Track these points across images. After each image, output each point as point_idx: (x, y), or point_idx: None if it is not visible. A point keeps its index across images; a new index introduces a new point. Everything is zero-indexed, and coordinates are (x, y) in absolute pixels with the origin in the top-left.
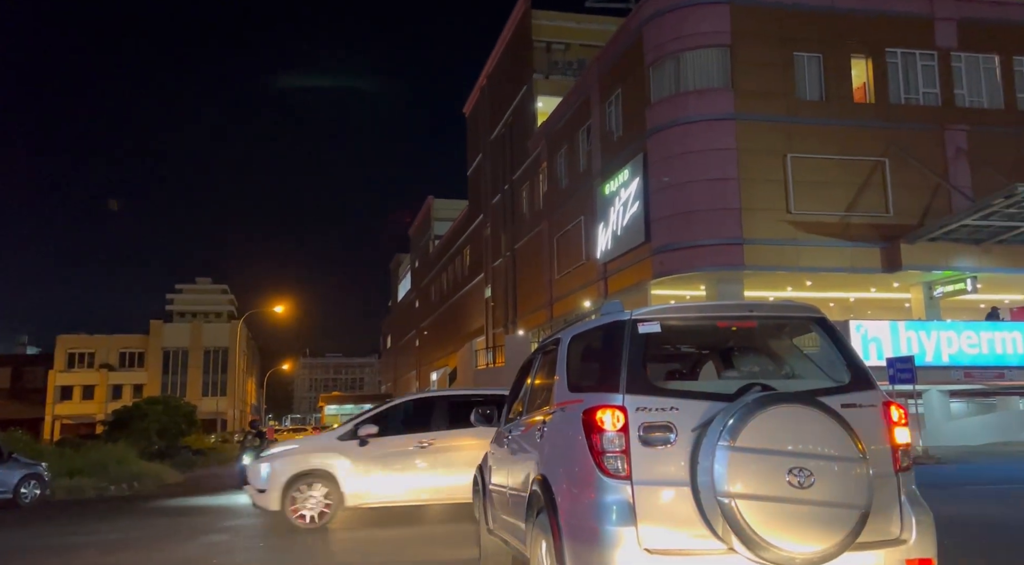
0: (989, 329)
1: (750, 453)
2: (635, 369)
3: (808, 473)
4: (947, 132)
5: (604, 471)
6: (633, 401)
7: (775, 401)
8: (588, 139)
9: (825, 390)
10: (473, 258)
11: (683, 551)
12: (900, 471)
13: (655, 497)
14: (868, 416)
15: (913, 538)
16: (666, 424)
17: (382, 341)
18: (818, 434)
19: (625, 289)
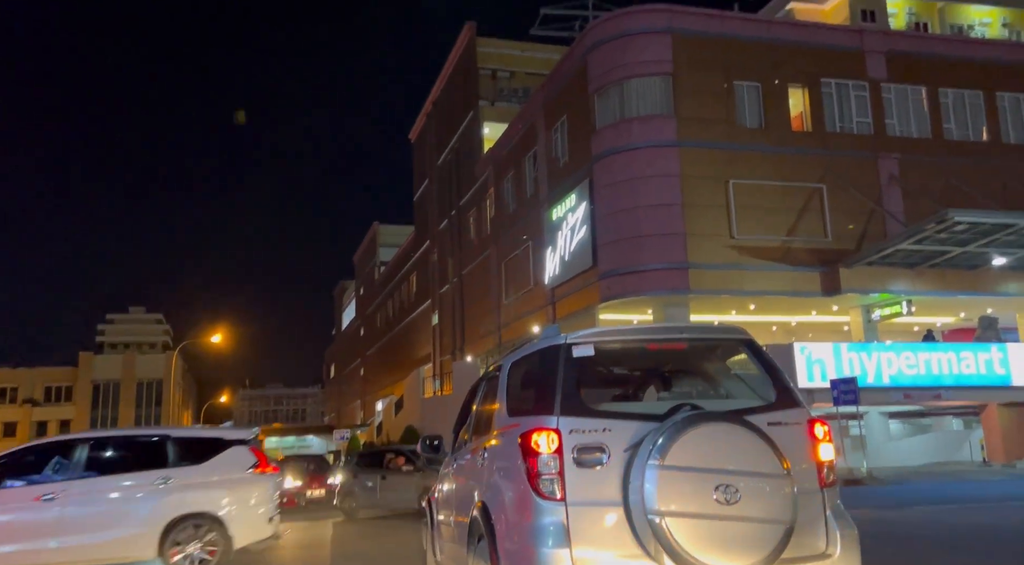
0: (927, 350)
1: (678, 471)
2: (569, 392)
3: (735, 490)
4: (880, 160)
5: (539, 494)
6: (567, 423)
7: (702, 420)
8: (535, 165)
9: (752, 409)
10: (420, 284)
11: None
12: (825, 487)
13: (589, 518)
14: (793, 434)
15: (838, 553)
16: (599, 445)
17: (325, 370)
18: (744, 452)
19: (573, 314)
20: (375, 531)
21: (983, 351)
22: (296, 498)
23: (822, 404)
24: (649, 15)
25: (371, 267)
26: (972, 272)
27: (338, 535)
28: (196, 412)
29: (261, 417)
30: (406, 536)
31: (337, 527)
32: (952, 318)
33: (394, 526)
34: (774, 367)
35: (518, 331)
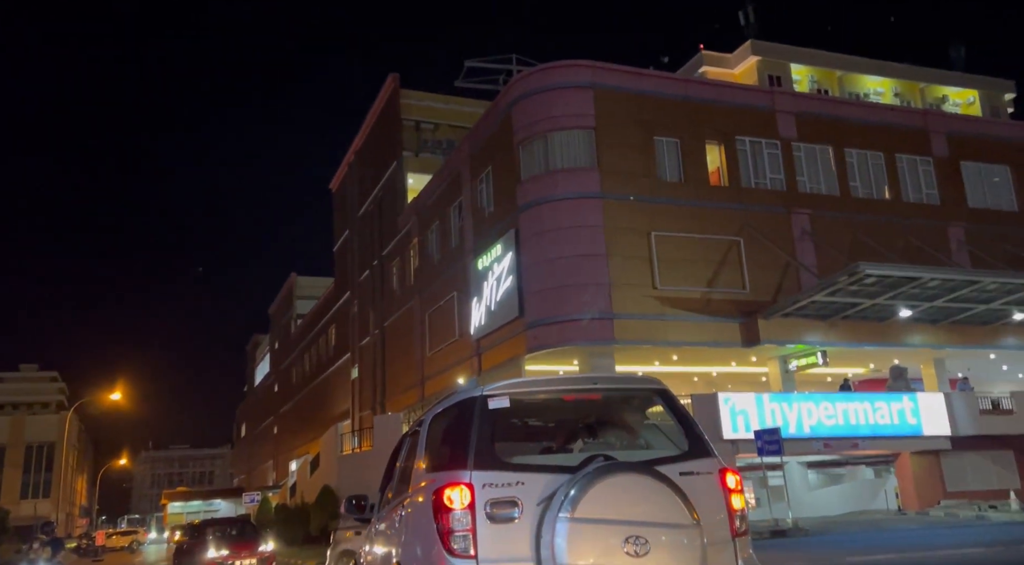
0: (844, 400)
1: (588, 523)
2: (483, 445)
3: (644, 541)
4: (793, 215)
5: (451, 552)
6: (480, 477)
7: (612, 471)
8: (460, 215)
9: (664, 459)
10: (339, 337)
11: None
12: (737, 536)
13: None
14: (705, 483)
15: None
16: (512, 499)
17: (236, 430)
18: (654, 502)
19: (499, 365)
20: None
21: (895, 401)
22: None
23: (746, 455)
24: (572, 70)
25: (287, 320)
26: (881, 324)
27: None
28: (92, 476)
29: (164, 480)
30: None
31: None
32: (863, 369)
33: None
34: (687, 417)
35: (442, 384)
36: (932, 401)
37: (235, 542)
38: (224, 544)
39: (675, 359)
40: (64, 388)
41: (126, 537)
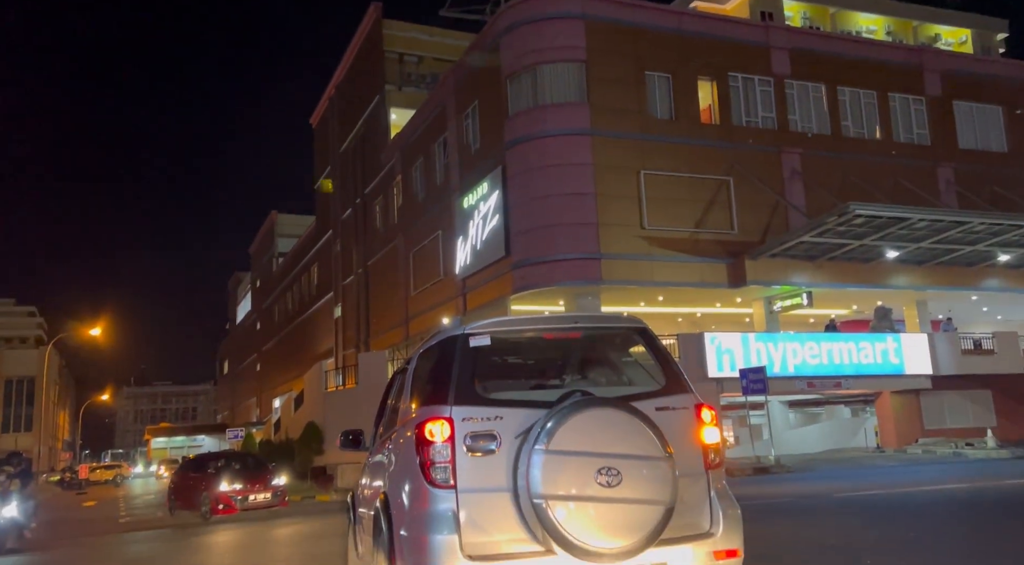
0: (829, 340)
1: (562, 455)
2: (463, 381)
3: (616, 472)
4: (783, 154)
5: (431, 482)
6: (460, 412)
7: (587, 406)
8: (445, 152)
9: (641, 395)
10: (321, 276)
11: (505, 555)
12: (710, 469)
13: (479, 505)
14: (680, 418)
15: (720, 531)
16: (490, 433)
17: (219, 366)
18: (626, 436)
19: (485, 305)
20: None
21: (879, 341)
22: (235, 502)
23: (731, 394)
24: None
25: (269, 258)
26: (866, 265)
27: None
28: (75, 411)
29: (147, 416)
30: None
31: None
32: (846, 310)
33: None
34: (665, 355)
35: (426, 323)
36: (915, 341)
37: (248, 476)
38: (237, 478)
39: (660, 300)
40: (43, 323)
41: (110, 471)
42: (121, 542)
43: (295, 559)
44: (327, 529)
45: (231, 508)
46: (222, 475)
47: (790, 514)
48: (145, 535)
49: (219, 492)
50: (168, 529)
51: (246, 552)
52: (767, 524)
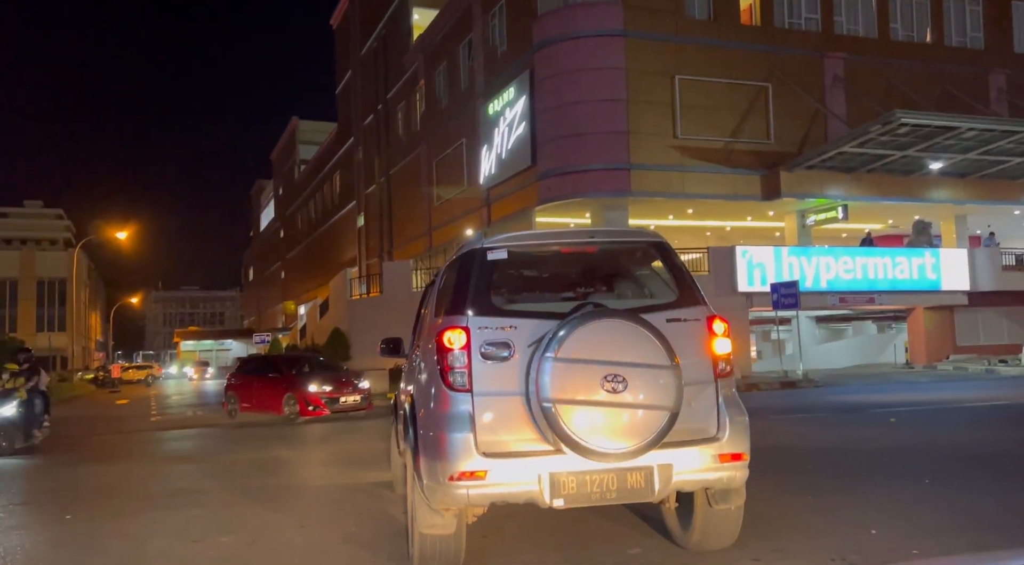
0: (864, 255)
1: (570, 363)
2: (480, 293)
3: (621, 379)
4: (826, 59)
5: (450, 386)
6: (476, 321)
7: (595, 317)
8: (470, 55)
9: (652, 306)
10: (344, 184)
11: (517, 453)
12: (719, 378)
13: (493, 407)
14: (692, 329)
15: (726, 436)
16: (504, 341)
17: (243, 273)
18: (633, 345)
19: (509, 216)
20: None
21: (917, 256)
22: (326, 404)
23: (760, 308)
24: None
25: (291, 166)
26: (906, 178)
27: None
28: (105, 313)
29: (176, 320)
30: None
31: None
32: (880, 225)
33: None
34: (680, 269)
35: (450, 234)
36: (954, 257)
37: (336, 378)
38: (327, 380)
39: (690, 212)
40: (70, 226)
41: (141, 371)
42: (148, 440)
43: (344, 458)
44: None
45: (321, 409)
46: (312, 376)
47: (827, 425)
48: (176, 434)
49: (309, 393)
50: (203, 428)
51: (316, 446)
52: (808, 433)
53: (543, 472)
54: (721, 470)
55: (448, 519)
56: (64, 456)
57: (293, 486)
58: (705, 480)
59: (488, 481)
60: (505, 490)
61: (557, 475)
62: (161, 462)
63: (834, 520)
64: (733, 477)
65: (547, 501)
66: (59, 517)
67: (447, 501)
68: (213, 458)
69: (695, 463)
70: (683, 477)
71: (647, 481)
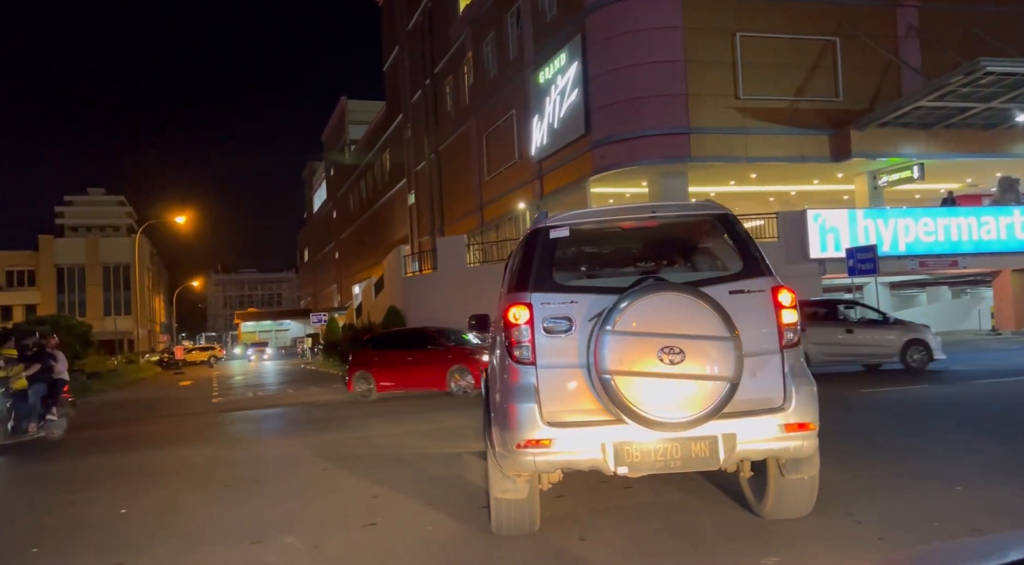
0: (946, 215)
1: (627, 336)
2: (542, 270)
3: (679, 351)
4: (899, 8)
5: (515, 359)
6: (538, 298)
7: (651, 290)
8: (519, 22)
9: (714, 279)
10: (393, 162)
11: (579, 423)
12: (785, 348)
13: (556, 378)
14: (756, 300)
15: (792, 406)
16: (565, 316)
17: (299, 255)
18: (690, 317)
19: (562, 188)
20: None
21: (1004, 215)
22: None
23: (833, 275)
24: None
25: (341, 146)
26: (988, 133)
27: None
28: (168, 297)
29: (236, 302)
30: None
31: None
32: (958, 184)
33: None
34: (744, 240)
35: (501, 209)
36: None
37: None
38: (482, 351)
39: (753, 177)
40: (132, 212)
41: (204, 352)
42: (207, 423)
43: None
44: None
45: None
46: (480, 347)
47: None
48: (243, 415)
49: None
50: (274, 408)
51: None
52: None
53: (607, 441)
54: (787, 440)
55: (520, 485)
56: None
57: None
58: (771, 450)
59: (553, 449)
60: (570, 457)
61: (621, 444)
62: (239, 446)
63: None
64: (800, 447)
65: (611, 468)
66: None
67: (516, 467)
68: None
69: (760, 433)
70: (748, 446)
71: (711, 450)
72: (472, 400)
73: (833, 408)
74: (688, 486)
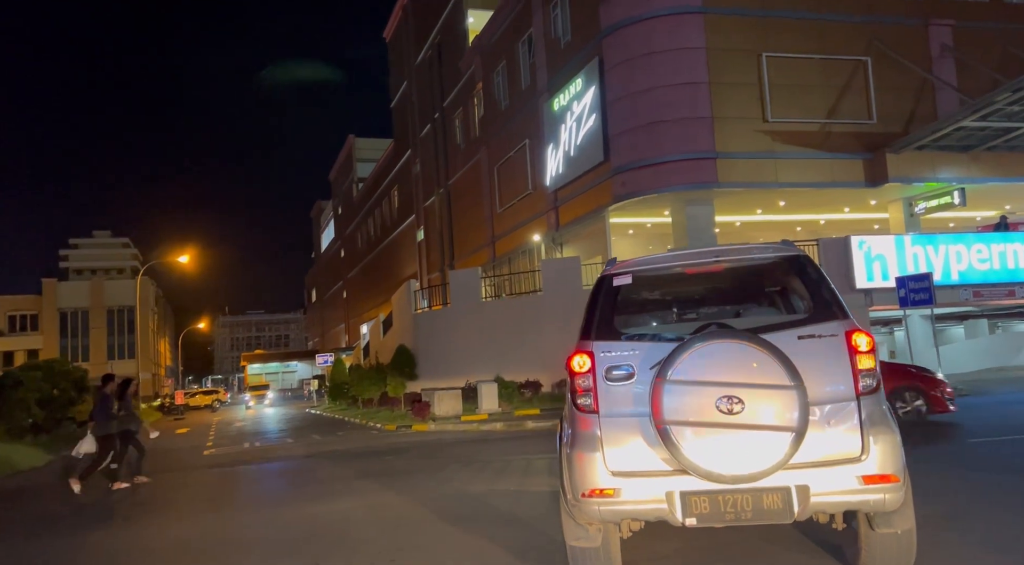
0: (1001, 241)
1: (686, 385)
2: (604, 319)
3: (738, 400)
4: (931, 27)
5: (579, 407)
6: (600, 346)
7: (709, 338)
8: (531, 50)
9: (781, 324)
10: (402, 199)
11: (643, 473)
12: (861, 395)
13: (618, 428)
14: (827, 345)
15: (872, 456)
16: (627, 364)
17: (307, 295)
18: (749, 366)
19: (580, 218)
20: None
21: None
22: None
23: (881, 307)
24: None
25: (349, 184)
26: None
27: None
28: (174, 339)
29: (243, 344)
30: None
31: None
32: (993, 211)
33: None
34: (816, 282)
35: (514, 243)
36: None
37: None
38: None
39: (782, 205)
40: (137, 254)
41: (208, 396)
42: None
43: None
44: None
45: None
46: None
47: None
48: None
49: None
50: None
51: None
52: None
53: (674, 490)
54: (866, 492)
55: (592, 533)
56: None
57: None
58: (849, 502)
59: (618, 498)
60: (635, 508)
61: (688, 494)
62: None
63: None
64: (882, 500)
65: (679, 519)
66: None
67: (583, 516)
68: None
69: (835, 484)
70: (823, 498)
71: (784, 502)
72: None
73: None
74: (775, 536)
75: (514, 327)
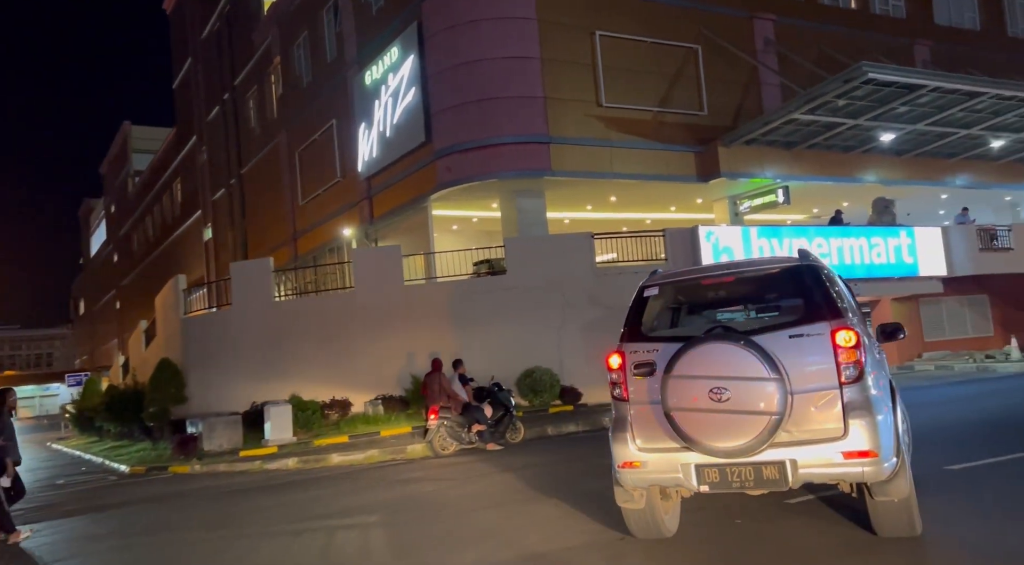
0: (839, 235)
1: (683, 379)
2: (634, 323)
3: (724, 390)
4: (756, 20)
5: (616, 397)
6: (629, 347)
7: (702, 341)
8: (337, 18)
9: (775, 325)
10: (186, 192)
11: (661, 448)
12: (845, 384)
13: (642, 414)
14: (814, 343)
15: (851, 435)
16: (649, 361)
17: (73, 306)
18: (735, 361)
19: (398, 208)
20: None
21: (892, 236)
22: None
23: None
24: None
25: (123, 179)
26: (848, 156)
27: None
28: None
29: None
30: None
31: None
32: (803, 215)
33: None
34: (811, 288)
35: (321, 238)
36: (929, 237)
37: None
38: None
39: (613, 201)
40: None
41: None
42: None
43: None
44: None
45: None
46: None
47: None
48: None
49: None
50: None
51: None
52: None
53: (689, 463)
54: (847, 466)
55: (636, 497)
56: None
57: None
58: (833, 474)
59: (644, 469)
60: (657, 477)
61: (701, 467)
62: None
63: None
64: (860, 473)
65: (695, 486)
66: None
67: (625, 483)
68: None
69: (819, 459)
70: (811, 470)
71: (781, 473)
72: None
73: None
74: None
75: (317, 333)
